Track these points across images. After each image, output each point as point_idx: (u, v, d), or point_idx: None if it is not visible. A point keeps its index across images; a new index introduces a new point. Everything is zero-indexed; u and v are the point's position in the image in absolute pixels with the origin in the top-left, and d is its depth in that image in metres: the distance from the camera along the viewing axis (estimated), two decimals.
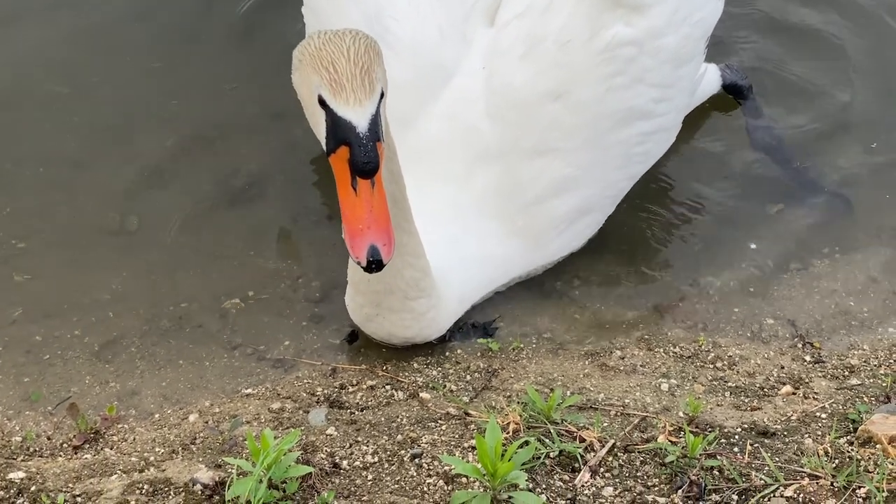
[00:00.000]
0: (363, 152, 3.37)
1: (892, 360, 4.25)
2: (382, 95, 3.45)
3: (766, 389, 4.11)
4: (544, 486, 3.60)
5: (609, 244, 4.76)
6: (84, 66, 5.41)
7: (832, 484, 3.58)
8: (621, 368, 4.23)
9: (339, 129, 3.40)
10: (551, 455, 3.69)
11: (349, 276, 4.22)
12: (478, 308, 4.51)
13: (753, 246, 4.87)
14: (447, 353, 4.35)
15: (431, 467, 3.68)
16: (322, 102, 3.44)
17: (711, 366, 4.27)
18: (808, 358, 4.33)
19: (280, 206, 4.97)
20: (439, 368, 4.26)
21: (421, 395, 4.08)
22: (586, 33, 4.21)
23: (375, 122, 3.40)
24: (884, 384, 4.08)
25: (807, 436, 3.81)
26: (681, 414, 3.91)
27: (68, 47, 5.47)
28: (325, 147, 3.47)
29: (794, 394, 4.09)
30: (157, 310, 4.57)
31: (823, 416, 3.91)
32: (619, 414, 3.92)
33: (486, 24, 4.48)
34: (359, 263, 3.45)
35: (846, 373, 4.21)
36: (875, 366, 4.24)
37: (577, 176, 4.37)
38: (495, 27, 4.44)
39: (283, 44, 5.30)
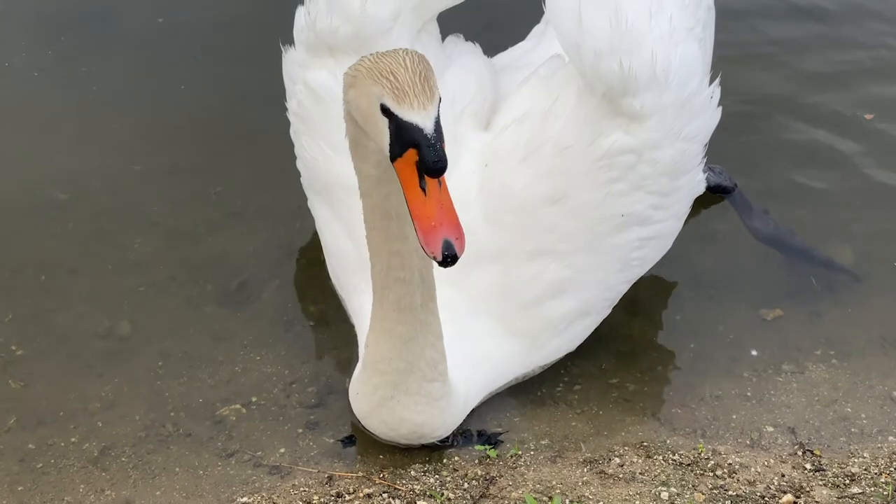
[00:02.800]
0: (432, 153, 3.44)
1: (892, 468, 4.23)
2: (440, 100, 3.55)
3: (766, 498, 4.08)
4: None
5: (607, 349, 4.76)
6: (83, 171, 5.46)
7: None
8: (620, 476, 4.20)
9: (405, 133, 3.46)
10: None
11: (365, 359, 4.19)
12: (477, 413, 4.48)
13: (752, 352, 4.88)
14: (444, 460, 4.32)
15: None
16: (385, 110, 3.52)
17: (711, 473, 4.24)
18: (808, 466, 4.30)
19: (274, 311, 4.96)
20: (437, 476, 4.22)
21: (418, 503, 4.04)
22: (586, 139, 4.27)
23: (440, 124, 3.49)
24: (885, 493, 4.06)
25: None
26: None
27: (69, 153, 5.53)
28: (387, 152, 3.55)
29: (795, 503, 4.06)
30: (152, 417, 4.54)
31: None
32: None
33: (475, 128, 4.54)
34: (434, 258, 3.50)
35: (847, 481, 4.18)
36: (876, 474, 4.22)
37: (576, 278, 4.39)
38: (492, 131, 4.49)
39: (268, 153, 5.42)
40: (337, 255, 4.62)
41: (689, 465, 4.28)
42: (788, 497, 4.08)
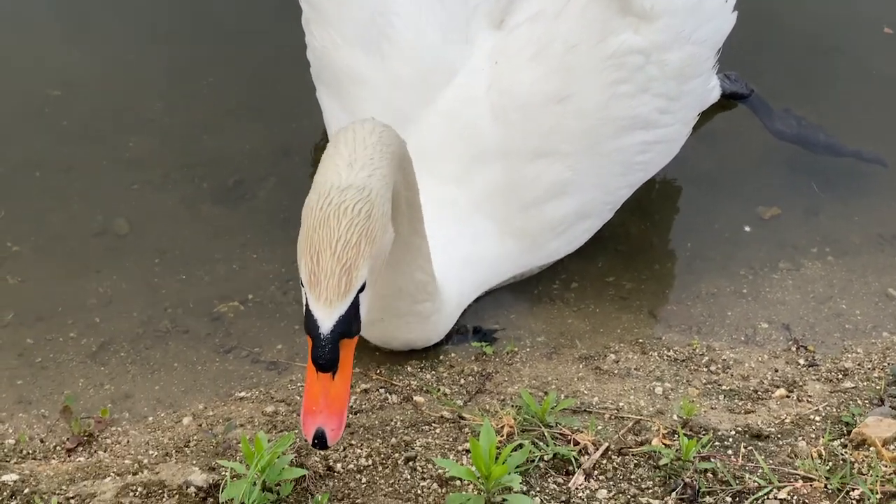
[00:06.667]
0: (320, 353, 3.33)
1: (885, 364, 4.26)
2: (363, 288, 3.39)
3: (759, 392, 4.12)
4: (538, 488, 3.61)
5: (604, 248, 4.76)
6: (77, 68, 5.41)
7: (826, 486, 3.60)
8: (615, 372, 4.23)
9: (307, 320, 3.36)
10: (545, 458, 3.70)
11: None
12: (473, 311, 4.50)
13: (745, 228, 4.89)
14: (441, 357, 4.35)
15: (425, 470, 3.68)
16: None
17: (705, 369, 4.27)
18: (801, 361, 4.34)
19: (271, 209, 4.96)
20: (433, 372, 4.25)
21: (415, 398, 4.08)
22: (594, 38, 4.22)
23: (344, 321, 3.34)
24: (877, 387, 4.10)
25: (800, 438, 3.82)
26: (675, 417, 3.91)
27: (62, 50, 5.47)
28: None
29: (787, 397, 4.10)
30: (149, 313, 4.56)
31: (817, 419, 3.93)
32: (613, 417, 3.93)
33: (488, 27, 4.49)
34: (305, 440, 3.44)
35: (840, 376, 4.22)
36: (869, 369, 4.25)
37: (577, 180, 4.37)
38: (504, 29, 4.43)
39: (264, 51, 5.37)
40: None
41: (683, 360, 4.32)
42: (781, 391, 4.12)
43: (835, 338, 4.48)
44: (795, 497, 3.57)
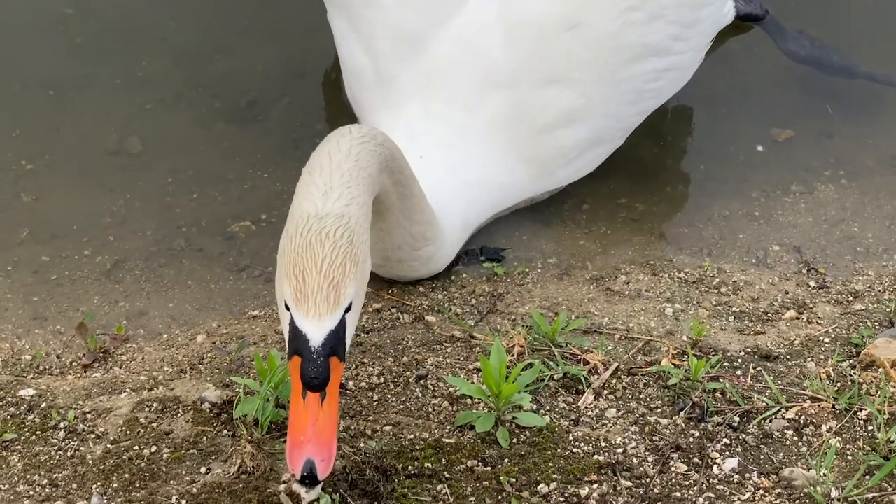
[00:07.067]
0: (312, 367, 3.22)
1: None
2: (349, 309, 3.31)
3: (769, 314, 4.14)
4: (548, 407, 3.65)
5: (617, 169, 4.74)
6: None
7: (833, 406, 3.64)
8: (626, 293, 4.25)
9: (295, 339, 3.27)
10: (555, 377, 3.74)
11: None
12: (485, 233, 4.51)
13: (758, 147, 4.89)
14: (452, 278, 4.37)
15: (436, 388, 3.73)
16: (288, 308, 3.33)
17: (716, 291, 4.29)
18: (812, 283, 4.35)
19: (283, 129, 4.95)
20: (445, 292, 4.28)
21: (426, 318, 4.11)
22: None
23: (334, 337, 3.25)
24: (888, 309, 4.11)
25: (809, 360, 3.85)
26: (684, 338, 3.95)
27: None
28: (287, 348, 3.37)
29: (797, 319, 4.12)
30: (163, 232, 4.58)
31: (826, 340, 3.95)
32: (623, 338, 3.96)
33: None
34: (293, 475, 3.31)
35: (850, 298, 4.23)
36: (879, 291, 4.26)
37: (588, 107, 4.34)
38: None
39: None
40: (353, 71, 4.56)
41: (694, 282, 4.33)
42: (791, 313, 4.14)
43: (846, 260, 4.49)
44: (803, 417, 3.61)
